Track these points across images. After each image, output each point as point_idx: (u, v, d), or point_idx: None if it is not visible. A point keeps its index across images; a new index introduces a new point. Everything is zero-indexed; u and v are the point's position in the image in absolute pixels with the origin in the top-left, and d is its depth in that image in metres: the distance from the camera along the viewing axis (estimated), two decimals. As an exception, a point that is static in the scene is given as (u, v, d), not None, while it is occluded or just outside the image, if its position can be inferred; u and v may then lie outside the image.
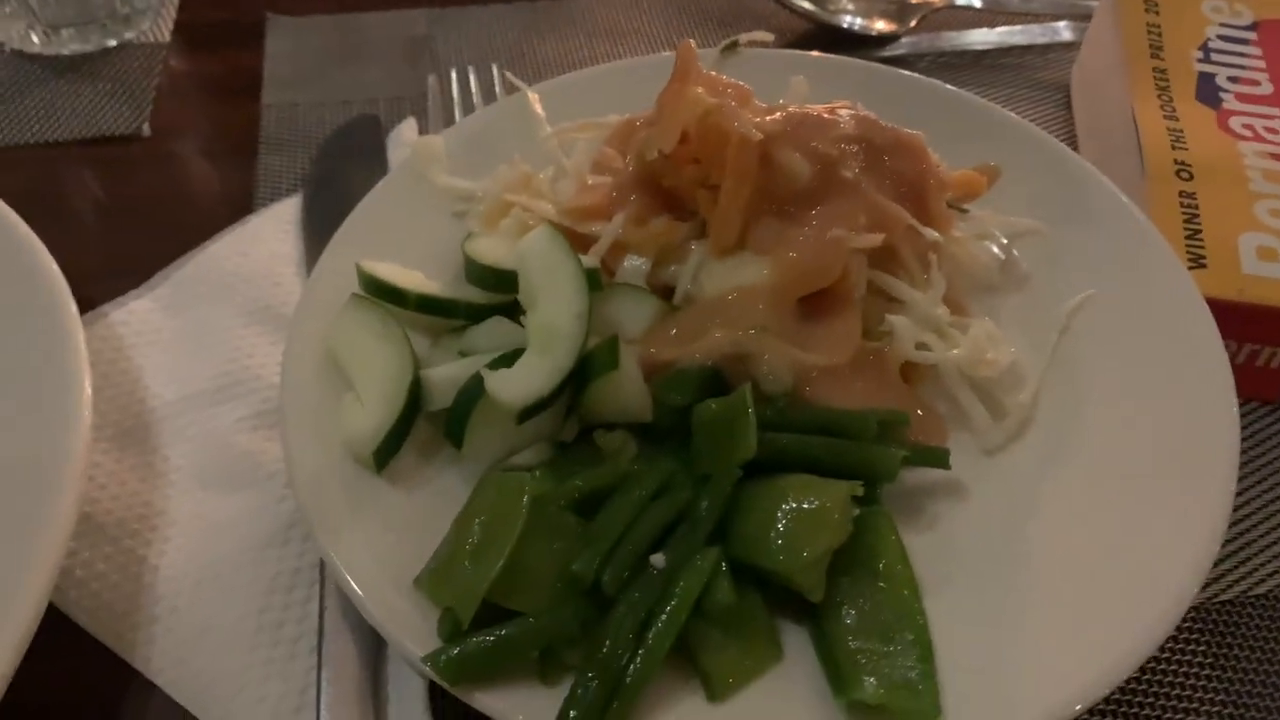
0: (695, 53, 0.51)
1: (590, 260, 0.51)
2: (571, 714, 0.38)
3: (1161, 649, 0.48)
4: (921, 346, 0.50)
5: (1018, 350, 0.53)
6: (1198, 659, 0.48)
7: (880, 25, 0.81)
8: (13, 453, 0.48)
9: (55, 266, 0.54)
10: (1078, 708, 0.40)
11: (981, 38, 0.83)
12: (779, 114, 0.51)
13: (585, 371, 0.47)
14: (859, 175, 0.50)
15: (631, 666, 0.39)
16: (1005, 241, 0.57)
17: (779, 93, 0.61)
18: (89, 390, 0.49)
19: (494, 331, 0.51)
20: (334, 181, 0.67)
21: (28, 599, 0.42)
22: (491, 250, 0.54)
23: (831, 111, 0.52)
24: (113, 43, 0.80)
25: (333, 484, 0.47)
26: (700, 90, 0.49)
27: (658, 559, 0.42)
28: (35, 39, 0.78)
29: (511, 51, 0.81)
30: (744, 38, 0.65)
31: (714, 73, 0.53)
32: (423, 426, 0.49)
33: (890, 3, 0.83)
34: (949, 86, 0.64)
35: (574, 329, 0.46)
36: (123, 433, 0.54)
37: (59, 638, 0.46)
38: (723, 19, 0.85)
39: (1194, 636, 0.49)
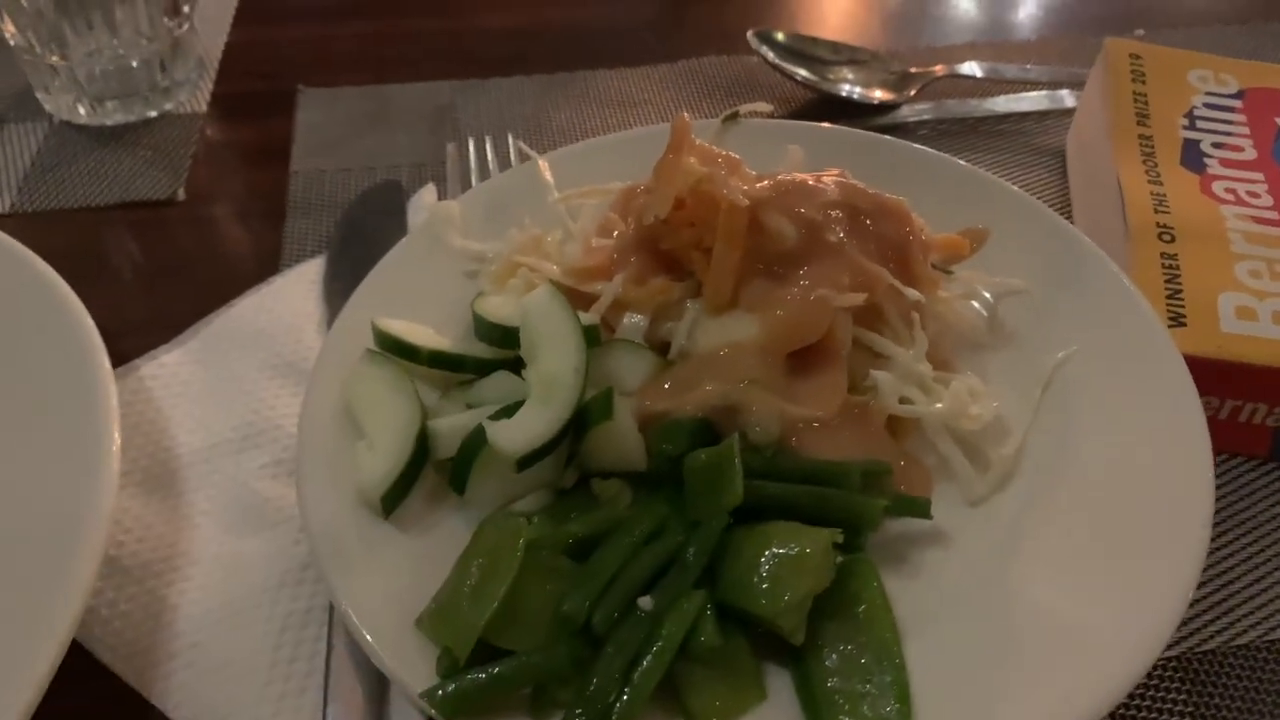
0: (689, 125, 0.54)
1: (591, 317, 0.54)
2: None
3: (1144, 698, 0.50)
4: (905, 400, 0.52)
5: (1003, 405, 0.55)
6: (1179, 708, 0.49)
7: (879, 94, 0.84)
8: (46, 497, 0.51)
9: (91, 324, 0.58)
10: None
11: (981, 105, 0.86)
12: (767, 181, 0.54)
13: (583, 421, 0.49)
14: (843, 238, 0.53)
15: (618, 704, 0.41)
16: (992, 301, 0.60)
17: (778, 160, 0.64)
18: (118, 441, 0.52)
19: (500, 385, 0.54)
20: (356, 243, 0.71)
21: (53, 635, 0.44)
22: (499, 308, 0.57)
23: (818, 179, 0.55)
24: (153, 114, 0.85)
25: (344, 528, 0.49)
26: (693, 160, 0.52)
27: (645, 601, 0.44)
28: (82, 110, 0.83)
29: (529, 120, 0.85)
30: (744, 108, 0.69)
31: (707, 144, 0.56)
32: (430, 474, 0.52)
33: (890, 72, 0.87)
34: (937, 153, 0.67)
35: (572, 381, 0.49)
36: (150, 478, 0.57)
37: (83, 673, 0.49)
38: (729, 89, 0.89)
39: (1176, 686, 0.50)
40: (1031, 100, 0.86)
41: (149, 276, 0.72)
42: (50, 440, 0.53)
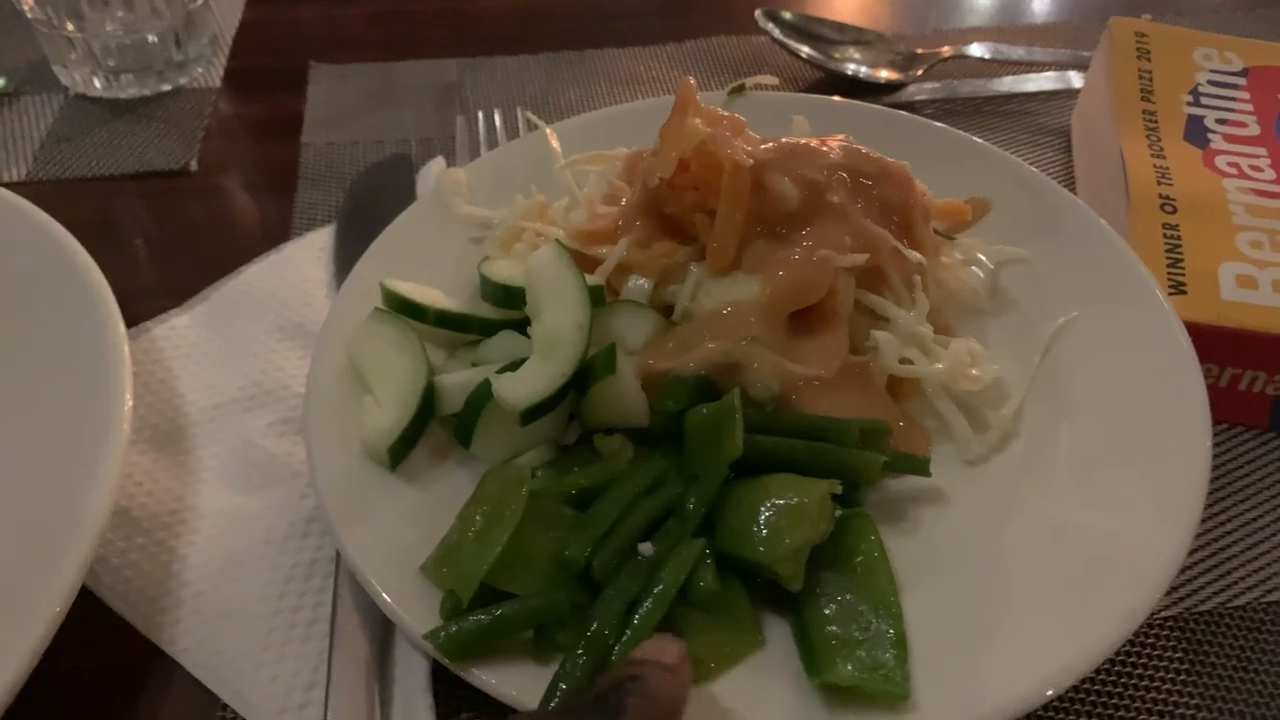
0: (694, 88, 0.55)
1: (597, 279, 0.55)
2: (559, 689, 0.41)
3: (1141, 655, 0.50)
4: (905, 361, 0.53)
5: (1002, 369, 0.56)
6: (1174, 665, 0.50)
7: (885, 74, 0.85)
8: (61, 449, 0.52)
9: (107, 287, 0.59)
10: (1049, 693, 0.42)
11: (987, 86, 0.86)
12: (771, 144, 0.54)
13: (586, 378, 0.50)
14: (846, 200, 0.53)
15: (617, 646, 0.42)
16: (993, 267, 0.60)
17: (783, 132, 0.65)
18: (129, 398, 0.53)
19: (505, 344, 0.55)
20: (365, 213, 0.72)
21: (62, 581, 0.45)
22: (504, 271, 0.57)
23: (822, 142, 0.55)
24: (168, 88, 0.86)
25: (350, 480, 0.50)
26: (698, 121, 0.53)
27: (646, 548, 0.45)
28: (98, 84, 0.84)
29: (537, 97, 0.86)
30: (750, 80, 0.69)
31: (713, 108, 0.57)
32: (436, 430, 0.53)
33: (896, 53, 0.87)
34: (941, 125, 0.67)
35: (576, 337, 0.50)
36: (160, 435, 0.58)
37: (93, 620, 0.50)
38: (737, 68, 0.89)
39: (1173, 645, 0.50)
40: (1037, 81, 0.87)
41: (162, 244, 0.73)
42: (66, 396, 0.54)
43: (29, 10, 0.82)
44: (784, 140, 0.55)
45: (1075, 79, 0.86)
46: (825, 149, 0.55)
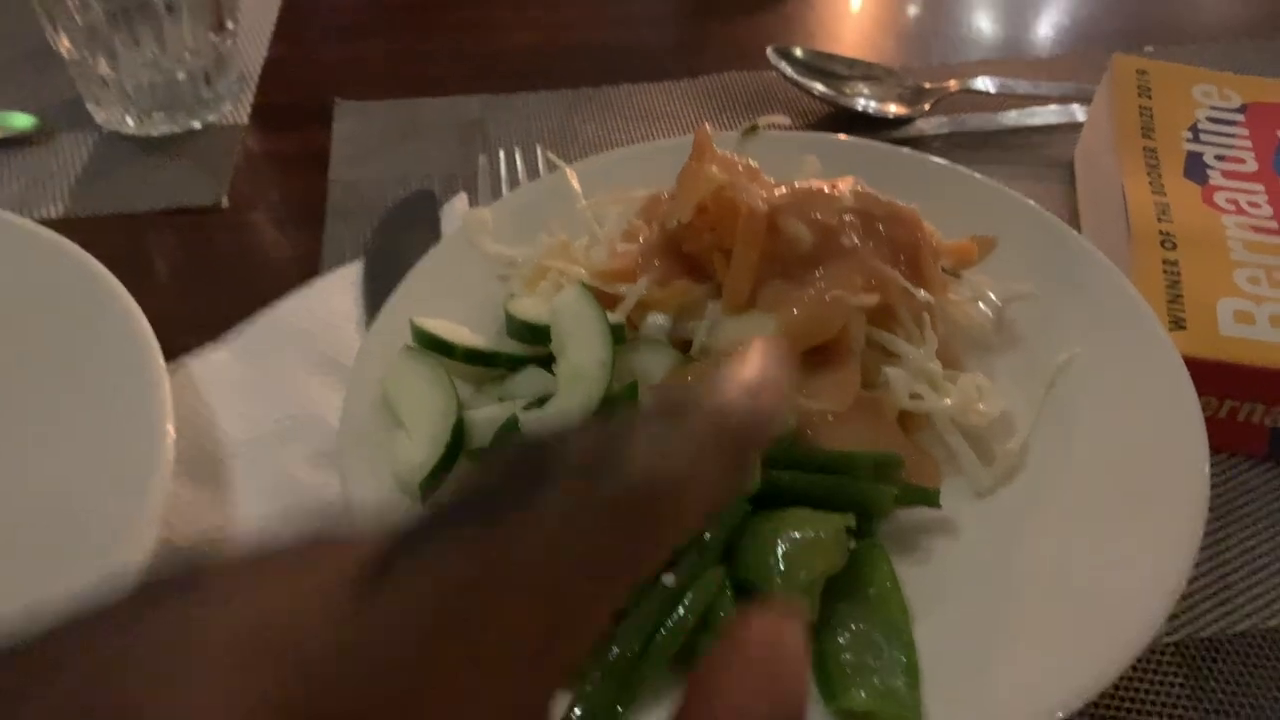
0: (710, 136, 0.57)
1: (617, 317, 0.58)
2: (576, 711, 0.43)
3: (1143, 683, 0.52)
4: (915, 396, 0.55)
5: (1009, 402, 0.58)
6: (1176, 690, 0.52)
7: (894, 108, 0.87)
8: (104, 483, 0.54)
9: (147, 324, 0.61)
10: (1059, 715, 0.44)
11: (993, 119, 0.89)
12: (784, 188, 0.57)
13: (609, 413, 0.52)
14: (857, 243, 0.56)
15: (637, 670, 0.44)
16: (999, 304, 0.63)
17: (795, 169, 0.67)
18: (172, 433, 0.56)
19: (531, 380, 0.57)
20: (392, 248, 0.75)
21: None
22: (530, 309, 0.60)
23: (833, 186, 0.58)
24: (197, 125, 0.89)
25: (383, 512, 0.52)
26: (714, 168, 0.56)
27: (668, 578, 0.47)
28: (130, 122, 0.87)
29: (556, 133, 0.88)
30: (763, 120, 0.72)
31: (728, 153, 0.59)
32: (465, 463, 0.55)
33: (904, 87, 0.90)
34: (948, 163, 0.69)
35: (598, 374, 0.52)
36: (197, 467, 0.61)
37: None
38: (749, 103, 0.92)
39: (1174, 671, 0.52)
40: (1042, 114, 0.89)
41: (195, 279, 0.76)
42: (108, 431, 0.57)
43: (66, 52, 0.85)
44: (797, 184, 0.57)
45: (1079, 112, 0.88)
46: (837, 193, 0.57)
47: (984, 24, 1.06)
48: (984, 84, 0.90)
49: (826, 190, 0.57)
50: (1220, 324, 0.60)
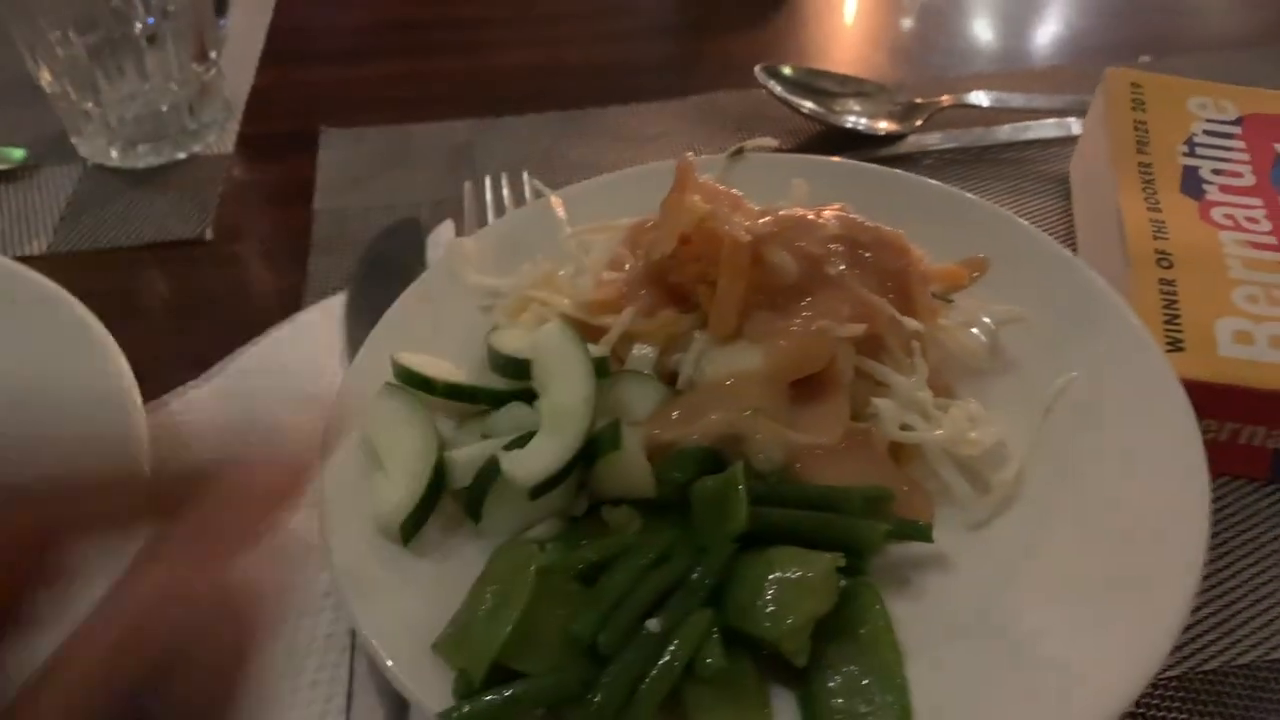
0: (692, 166, 0.56)
1: (602, 349, 0.56)
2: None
3: (1145, 718, 0.51)
4: (906, 427, 0.54)
5: (1003, 430, 0.56)
6: (1180, 726, 0.50)
7: (885, 125, 0.86)
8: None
9: (125, 364, 0.60)
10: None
11: (987, 134, 0.87)
12: (769, 217, 0.55)
13: (592, 451, 0.51)
14: (843, 271, 0.54)
15: (623, 720, 0.43)
16: (993, 327, 0.61)
17: (783, 192, 0.66)
18: (147, 475, 0.55)
19: (513, 416, 0.56)
20: (377, 279, 0.73)
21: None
22: (512, 341, 0.59)
23: (818, 213, 0.57)
24: (182, 155, 0.88)
25: (364, 555, 0.51)
26: (697, 198, 0.55)
27: (653, 623, 0.46)
28: (114, 154, 0.87)
29: (545, 156, 0.88)
30: (749, 144, 0.70)
31: (711, 181, 0.58)
32: (446, 502, 0.54)
33: (896, 103, 0.88)
34: (938, 183, 0.68)
35: (582, 412, 0.51)
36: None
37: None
38: (740, 122, 0.91)
39: (1177, 705, 0.51)
40: (1037, 128, 0.88)
41: (178, 313, 0.75)
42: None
43: (47, 85, 0.84)
44: (781, 213, 0.56)
45: (1074, 125, 0.87)
46: (821, 220, 0.56)
47: (977, 37, 1.05)
48: (978, 99, 0.89)
49: (811, 218, 0.56)
50: (1219, 345, 0.58)
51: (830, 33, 1.07)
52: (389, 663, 0.46)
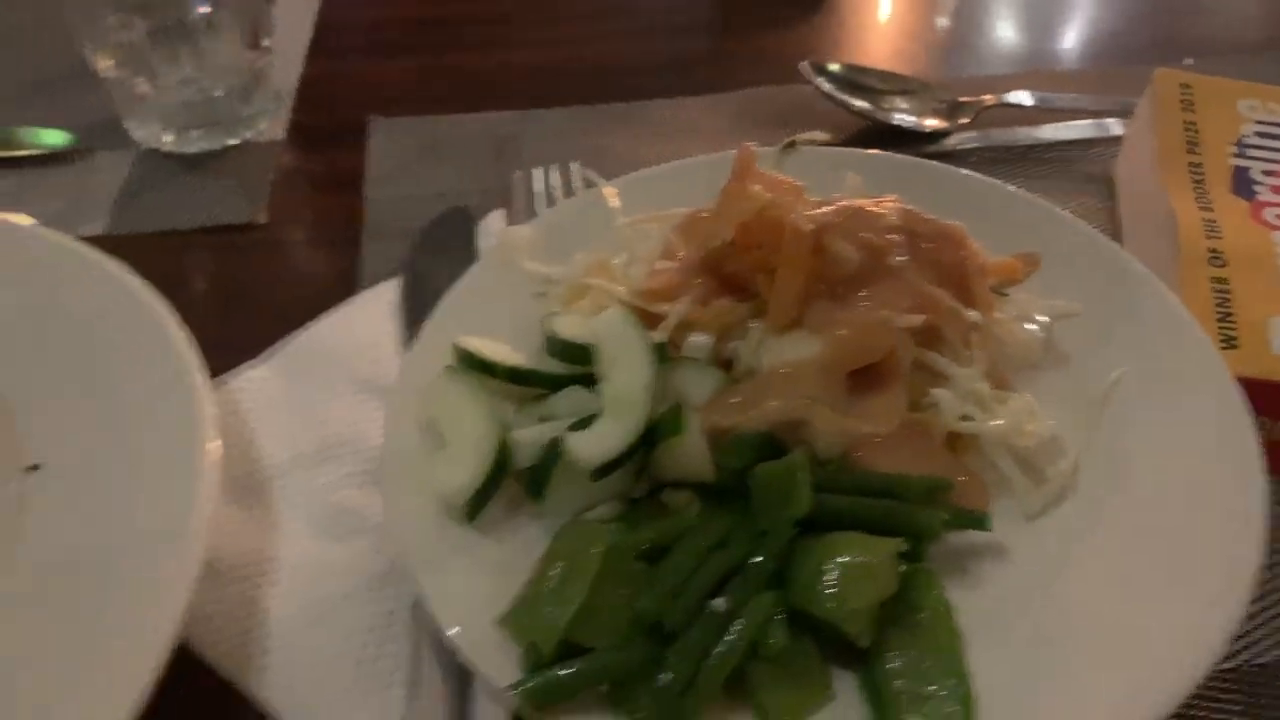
0: (754, 154, 0.57)
1: (659, 337, 0.57)
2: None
3: (1200, 708, 0.51)
4: (964, 418, 0.55)
5: (1058, 423, 0.57)
6: (1233, 717, 0.51)
7: (931, 122, 0.87)
8: (151, 503, 0.54)
9: (187, 340, 0.61)
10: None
11: (1030, 134, 0.88)
12: (829, 207, 0.56)
13: (653, 435, 0.52)
14: (904, 262, 0.55)
15: (687, 698, 0.44)
16: (1047, 322, 0.62)
17: (834, 186, 0.67)
18: (219, 452, 0.56)
19: (571, 399, 0.57)
20: (428, 266, 0.74)
21: (161, 633, 0.48)
22: (569, 327, 0.59)
23: (878, 204, 0.57)
24: (234, 141, 0.89)
25: (428, 534, 0.52)
26: (758, 187, 0.55)
27: (719, 603, 0.47)
28: (167, 139, 0.88)
29: (589, 148, 0.88)
30: (801, 137, 0.71)
31: (770, 171, 0.59)
32: (507, 484, 0.55)
33: (940, 101, 0.89)
34: (990, 179, 0.69)
35: (643, 398, 0.52)
36: (238, 487, 0.61)
37: (181, 666, 0.52)
38: (782, 118, 0.91)
39: (1232, 697, 0.51)
40: (1079, 128, 0.88)
41: (233, 296, 0.76)
42: (154, 448, 0.57)
43: (104, 70, 0.85)
44: (842, 203, 0.57)
45: (1114, 125, 0.88)
46: (882, 211, 0.56)
47: (1013, 36, 1.06)
48: (1019, 98, 0.89)
49: (871, 209, 0.56)
50: (1273, 342, 0.59)
51: (866, 29, 1.07)
52: (456, 633, 0.47)
